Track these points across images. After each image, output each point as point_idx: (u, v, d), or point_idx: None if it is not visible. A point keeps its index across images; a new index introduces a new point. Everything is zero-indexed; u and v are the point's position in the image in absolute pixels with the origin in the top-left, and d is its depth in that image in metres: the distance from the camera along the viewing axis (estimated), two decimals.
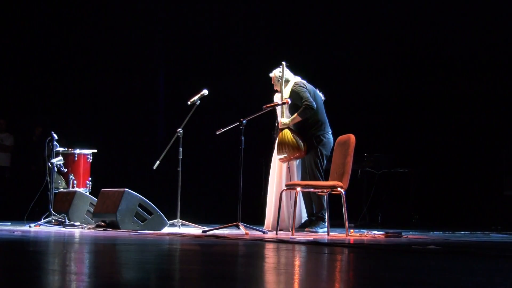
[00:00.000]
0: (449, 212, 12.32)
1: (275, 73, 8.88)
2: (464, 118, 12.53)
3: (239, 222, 8.00)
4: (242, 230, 7.92)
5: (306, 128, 8.60)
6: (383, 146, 12.04)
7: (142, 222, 8.60)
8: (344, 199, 7.77)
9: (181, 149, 9.21)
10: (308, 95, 8.58)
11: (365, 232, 8.35)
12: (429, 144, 12.66)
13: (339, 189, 7.73)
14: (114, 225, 8.51)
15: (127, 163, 13.65)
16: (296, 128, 8.62)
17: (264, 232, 8.06)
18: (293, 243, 6.40)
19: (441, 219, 12.20)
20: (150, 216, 8.65)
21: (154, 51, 14.26)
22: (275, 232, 8.09)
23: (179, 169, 9.19)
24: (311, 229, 8.46)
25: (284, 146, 8.54)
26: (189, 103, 9.26)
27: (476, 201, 12.15)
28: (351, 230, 8.23)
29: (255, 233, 7.98)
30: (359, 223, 10.82)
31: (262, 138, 12.66)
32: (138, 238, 7.01)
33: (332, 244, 6.37)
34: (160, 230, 8.56)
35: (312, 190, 8.33)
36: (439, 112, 12.71)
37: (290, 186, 8.07)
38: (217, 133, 8.60)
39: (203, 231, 8.03)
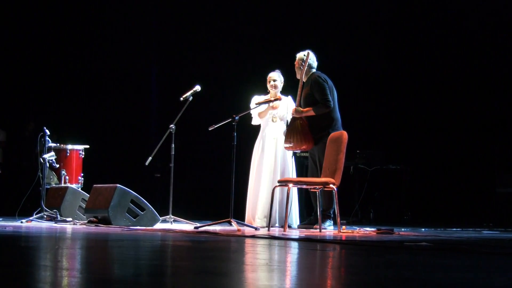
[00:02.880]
0: (441, 209, 12.34)
1: (301, 55, 8.81)
2: (456, 115, 12.55)
3: (231, 219, 8.00)
4: (234, 227, 7.92)
5: (319, 123, 8.51)
6: (375, 143, 12.06)
7: (134, 218, 8.60)
8: (336, 196, 7.79)
9: (173, 145, 9.21)
10: (328, 92, 8.54)
11: (357, 228, 8.37)
12: (421, 141, 12.68)
13: (331, 185, 7.75)
14: (106, 221, 8.50)
15: (120, 159, 13.64)
16: (308, 121, 8.57)
17: (256, 229, 8.06)
18: (285, 239, 6.41)
19: (433, 216, 12.23)
20: (142, 212, 8.65)
21: (146, 47, 14.24)
22: (267, 228, 8.10)
23: (171, 165, 9.19)
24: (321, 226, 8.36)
25: (293, 135, 8.48)
26: (181, 99, 9.25)
27: (468, 198, 12.17)
28: (343, 227, 8.25)
29: (247, 230, 7.99)
30: (351, 219, 10.84)
31: (254, 135, 12.65)
32: (130, 234, 7.01)
33: (324, 241, 6.38)
34: (152, 226, 8.56)
35: (304, 186, 8.35)
36: (431, 109, 12.73)
37: (283, 183, 8.08)
38: (210, 129, 8.60)
39: (195, 227, 8.04)
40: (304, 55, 8.73)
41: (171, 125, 9.18)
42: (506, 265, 4.43)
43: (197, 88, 9.31)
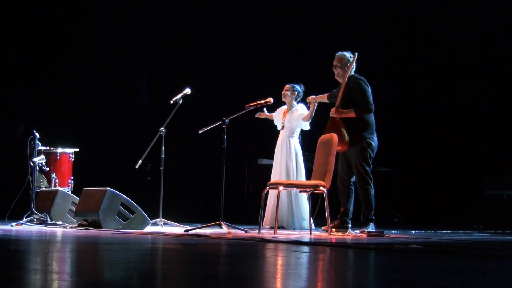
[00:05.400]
0: (431, 211, 12.38)
1: (346, 55, 8.71)
2: (446, 117, 12.59)
3: (221, 221, 8.00)
4: (224, 229, 7.92)
5: (355, 126, 8.42)
6: None
7: (124, 221, 8.59)
8: (326, 198, 7.79)
9: (163, 148, 9.20)
10: (370, 95, 8.52)
11: (347, 231, 8.37)
12: (411, 143, 12.72)
13: (321, 188, 7.76)
14: (96, 224, 8.49)
15: (110, 162, 13.62)
16: (344, 123, 8.47)
17: (246, 231, 8.07)
18: (275, 242, 6.42)
19: (423, 218, 12.26)
20: (132, 215, 8.64)
21: (136, 49, 14.23)
22: (257, 231, 8.11)
23: (162, 168, 9.18)
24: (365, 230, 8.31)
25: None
26: (171, 102, 9.24)
27: (458, 200, 12.21)
28: (333, 229, 8.25)
29: (237, 232, 7.98)
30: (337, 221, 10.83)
31: (245, 137, 12.67)
32: (120, 237, 7.00)
33: (314, 243, 6.39)
34: (142, 229, 8.54)
35: (295, 189, 8.36)
36: (421, 111, 12.76)
37: (273, 185, 8.08)
38: (200, 132, 8.60)
39: (186, 230, 8.03)
40: (351, 56, 8.65)
41: (161, 128, 9.17)
42: (496, 268, 4.45)
43: (187, 91, 9.30)
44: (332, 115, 8.48)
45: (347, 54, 8.68)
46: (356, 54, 8.63)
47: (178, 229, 8.63)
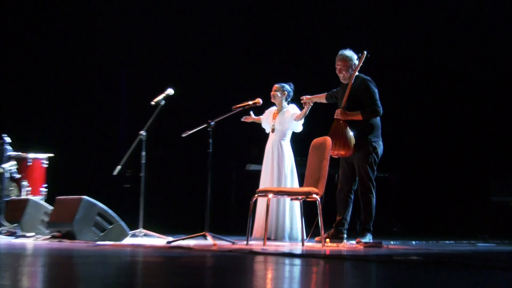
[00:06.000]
0: (433, 220, 12.38)
1: (350, 56, 8.63)
2: (448, 119, 12.60)
3: (206, 232, 7.97)
4: (210, 241, 7.89)
5: (360, 129, 8.41)
6: None
7: (102, 232, 8.55)
8: (320, 207, 7.77)
9: (144, 153, 9.17)
10: (378, 97, 8.48)
11: (343, 242, 8.36)
12: (411, 147, 12.72)
13: (314, 195, 7.74)
14: (70, 236, 8.44)
15: (86, 168, 13.55)
16: (351, 126, 8.41)
17: (233, 243, 8.04)
18: (265, 254, 6.39)
19: (424, 228, 12.26)
20: (110, 225, 8.60)
21: (115, 46, 14.16)
22: (246, 242, 8.08)
23: (142, 174, 9.15)
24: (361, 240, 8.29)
25: (335, 138, 8.36)
26: (153, 103, 9.22)
27: (461, 208, 12.21)
28: (327, 240, 8.24)
29: (224, 244, 7.95)
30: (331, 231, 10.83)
31: (231, 141, 12.65)
32: (97, 249, 6.97)
33: (307, 256, 6.36)
34: (121, 241, 8.51)
35: (285, 196, 8.34)
36: (422, 112, 12.78)
37: (262, 193, 8.06)
38: (183, 135, 8.57)
39: (168, 242, 8.00)
40: (359, 56, 8.61)
41: (141, 132, 9.14)
42: (504, 281, 4.43)
43: (170, 91, 9.29)
44: (337, 117, 8.45)
45: (353, 55, 8.62)
46: (365, 53, 8.58)
47: (159, 240, 8.60)
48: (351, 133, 8.30)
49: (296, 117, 9.30)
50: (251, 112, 9.69)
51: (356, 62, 8.58)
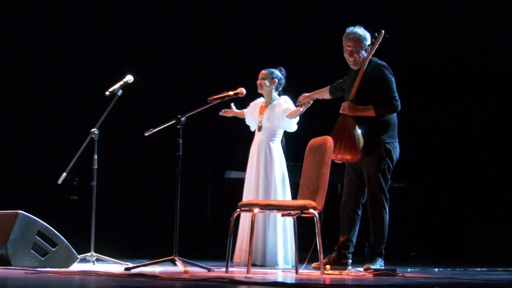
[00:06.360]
0: (460, 241, 12.43)
1: (364, 34, 8.59)
2: (478, 119, 12.67)
3: (175, 256, 7.99)
4: (179, 267, 7.91)
5: (371, 127, 8.42)
6: None
7: (43, 257, 8.54)
8: (319, 224, 7.78)
9: (96, 157, 9.18)
10: (396, 89, 8.46)
11: (348, 268, 8.38)
12: (433, 151, 12.76)
13: (311, 210, 7.73)
14: (3, 261, 8.44)
15: (23, 175, 13.55)
16: (360, 122, 8.43)
17: (209, 270, 8.06)
18: (249, 284, 6.41)
19: (449, 251, 12.30)
20: (53, 248, 8.59)
21: (60, 22, 14.11)
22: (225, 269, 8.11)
23: (94, 183, 9.16)
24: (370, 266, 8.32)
25: (339, 140, 8.31)
26: (107, 93, 9.23)
27: (495, 227, 12.26)
28: (327, 267, 8.26)
29: (197, 271, 7.98)
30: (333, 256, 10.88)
31: (207, 142, 12.67)
32: (37, 278, 6.97)
33: (302, 286, 6.39)
34: (67, 267, 8.51)
35: (275, 211, 8.36)
36: (449, 107, 12.84)
37: (246, 207, 8.07)
38: (146, 134, 8.58)
39: (126, 269, 8.00)
40: (375, 36, 8.54)
41: (93, 129, 9.14)
42: None
43: (129, 78, 9.29)
44: (344, 111, 8.44)
45: (366, 34, 8.61)
46: (382, 32, 8.54)
47: (116, 267, 8.62)
48: (359, 133, 8.30)
49: (289, 114, 9.32)
50: (232, 105, 9.72)
51: (370, 43, 8.58)
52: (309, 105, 9.02)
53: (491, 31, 12.66)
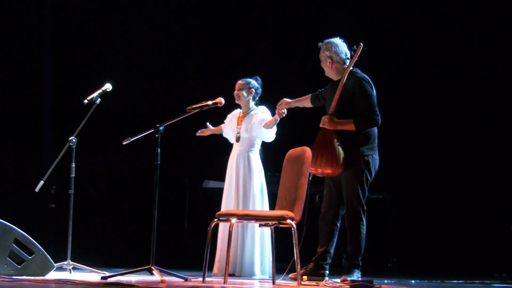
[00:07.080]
0: (438, 253, 12.45)
1: (341, 46, 8.61)
2: (459, 127, 12.69)
3: (152, 265, 7.98)
4: (156, 276, 7.91)
5: (350, 139, 8.40)
6: None
7: (19, 265, 8.52)
8: (295, 235, 7.78)
9: (73, 165, 9.17)
10: (376, 102, 8.46)
11: (325, 279, 8.40)
12: (411, 162, 12.78)
13: (289, 221, 7.73)
14: None
15: (0, 183, 13.51)
16: (340, 135, 8.39)
17: (186, 279, 8.07)
18: None
19: (426, 263, 12.32)
20: (30, 256, 8.57)
21: (38, 30, 14.09)
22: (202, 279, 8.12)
23: (71, 191, 9.14)
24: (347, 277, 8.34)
25: (319, 154, 8.35)
26: (86, 101, 9.22)
27: (473, 239, 12.29)
28: (304, 277, 8.28)
29: (174, 281, 7.98)
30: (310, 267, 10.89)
31: (185, 151, 12.66)
32: (13, 286, 6.96)
33: None
34: (43, 275, 8.49)
35: (252, 221, 8.36)
36: (427, 117, 12.86)
37: (223, 217, 8.07)
38: (124, 143, 8.58)
39: (103, 278, 8.00)
40: (353, 48, 8.56)
41: (71, 138, 9.14)
42: None
43: (108, 86, 9.29)
44: (324, 125, 8.44)
45: (343, 46, 8.64)
46: (361, 45, 8.54)
47: (92, 275, 8.61)
48: (340, 147, 8.31)
49: (265, 124, 9.32)
50: (208, 123, 9.74)
51: (349, 52, 8.60)
52: (284, 114, 9.02)
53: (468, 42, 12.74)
